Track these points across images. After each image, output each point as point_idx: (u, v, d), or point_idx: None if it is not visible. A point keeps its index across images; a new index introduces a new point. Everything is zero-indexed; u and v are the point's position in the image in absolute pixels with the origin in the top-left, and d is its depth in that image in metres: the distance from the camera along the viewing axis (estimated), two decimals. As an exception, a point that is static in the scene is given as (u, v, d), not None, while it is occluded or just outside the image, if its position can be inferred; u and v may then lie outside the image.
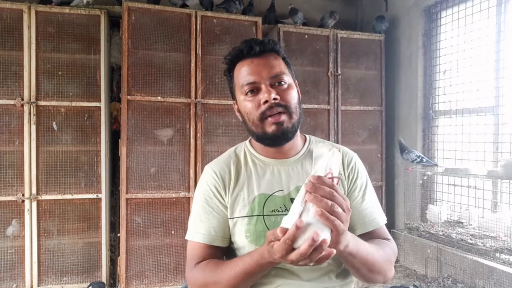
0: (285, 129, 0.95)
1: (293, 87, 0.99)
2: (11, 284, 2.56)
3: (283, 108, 0.94)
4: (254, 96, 0.96)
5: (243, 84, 0.97)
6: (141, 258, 2.73)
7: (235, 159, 1.06)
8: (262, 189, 0.98)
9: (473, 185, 2.66)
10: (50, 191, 2.61)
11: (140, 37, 2.71)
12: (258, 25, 2.97)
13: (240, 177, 1.02)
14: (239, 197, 0.98)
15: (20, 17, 2.54)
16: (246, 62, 0.98)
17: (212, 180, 1.01)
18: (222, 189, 1.00)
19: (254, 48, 0.96)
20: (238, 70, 1.00)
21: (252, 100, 0.96)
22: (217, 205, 0.99)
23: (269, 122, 0.94)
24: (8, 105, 2.54)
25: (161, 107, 2.75)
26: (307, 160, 1.03)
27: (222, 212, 0.98)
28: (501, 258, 2.26)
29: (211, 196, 1.00)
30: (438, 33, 3.09)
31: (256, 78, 0.95)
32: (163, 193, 2.75)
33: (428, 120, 3.15)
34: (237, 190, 0.99)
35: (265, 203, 0.96)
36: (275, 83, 0.95)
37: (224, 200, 0.99)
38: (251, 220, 0.95)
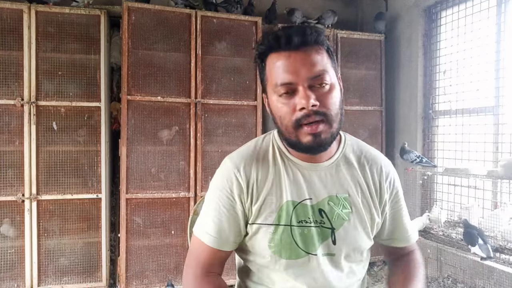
0: (323, 140, 0.82)
1: (336, 87, 0.85)
2: (11, 284, 2.56)
3: (322, 116, 0.80)
4: (289, 99, 0.82)
5: (277, 84, 0.82)
6: (141, 258, 2.73)
7: (262, 154, 0.92)
8: (291, 195, 0.87)
9: (473, 185, 2.66)
10: (50, 191, 2.61)
11: (140, 37, 2.71)
12: (258, 25, 2.97)
13: (268, 178, 0.89)
14: (266, 201, 0.87)
15: (20, 17, 2.54)
16: (282, 55, 0.82)
17: (234, 179, 0.88)
18: (244, 191, 0.88)
19: (293, 40, 0.80)
20: (272, 63, 0.84)
21: (287, 103, 0.82)
22: (233, 206, 0.88)
23: (304, 132, 0.81)
24: (8, 105, 2.54)
25: (161, 107, 2.75)
26: (341, 166, 0.92)
27: (236, 216, 0.88)
28: (501, 258, 2.26)
29: (228, 196, 0.88)
30: (438, 33, 3.09)
31: (293, 78, 0.80)
32: (163, 193, 2.75)
33: (428, 120, 3.15)
34: (264, 193, 0.88)
35: (293, 211, 0.86)
36: (315, 84, 0.81)
37: (244, 204, 0.88)
38: (277, 229, 0.86)
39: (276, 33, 0.83)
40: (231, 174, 0.89)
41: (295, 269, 0.87)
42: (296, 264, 0.87)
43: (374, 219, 0.92)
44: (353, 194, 0.91)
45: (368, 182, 0.93)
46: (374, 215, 0.92)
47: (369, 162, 0.96)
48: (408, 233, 1.00)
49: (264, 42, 0.86)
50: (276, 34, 0.83)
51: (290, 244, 0.86)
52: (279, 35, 0.82)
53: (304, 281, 0.87)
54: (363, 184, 0.93)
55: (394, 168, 1.01)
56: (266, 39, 0.85)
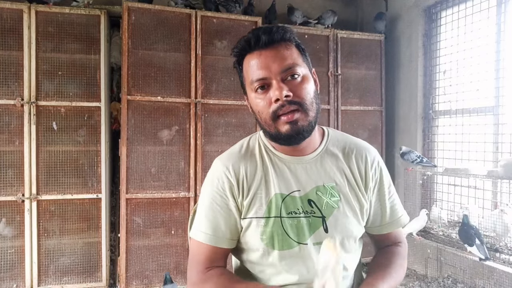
0: (300, 128, 0.86)
1: (309, 79, 0.89)
2: (11, 284, 2.56)
3: (297, 106, 0.85)
4: (265, 94, 0.86)
5: (253, 80, 0.87)
6: (141, 258, 2.73)
7: (250, 152, 0.97)
8: (279, 188, 0.91)
9: (473, 185, 2.66)
10: (50, 191, 2.61)
11: (140, 37, 2.71)
12: (258, 25, 2.97)
13: (256, 173, 0.93)
14: (256, 196, 0.91)
15: (20, 17, 2.54)
16: (254, 55, 0.88)
17: (224, 177, 0.92)
18: (235, 188, 0.91)
19: (261, 39, 0.86)
20: (246, 64, 0.90)
21: (263, 98, 0.87)
22: (226, 204, 0.92)
23: (282, 122, 0.86)
24: (8, 105, 2.54)
25: (161, 107, 2.75)
26: (326, 158, 0.96)
27: (231, 212, 0.92)
28: (501, 258, 2.26)
29: (221, 194, 0.92)
30: (438, 33, 3.09)
31: (266, 73, 0.85)
32: (163, 193, 2.75)
33: (428, 120, 3.15)
34: (254, 188, 0.91)
35: (282, 203, 0.90)
36: (287, 77, 0.85)
37: (237, 200, 0.92)
38: (268, 221, 0.89)
39: (247, 36, 0.89)
40: (221, 173, 0.93)
41: (287, 260, 0.89)
42: (288, 255, 0.89)
43: (362, 205, 0.95)
44: (340, 183, 0.94)
45: (353, 170, 0.96)
46: (362, 201, 0.95)
47: (353, 151, 0.99)
48: (393, 218, 1.00)
49: (237, 46, 0.92)
50: (247, 37, 0.89)
51: (282, 235, 0.88)
52: (249, 38, 0.88)
53: (297, 272, 0.89)
54: (349, 173, 0.96)
55: (379, 156, 1.03)
56: (239, 44, 0.91)
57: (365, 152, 1.00)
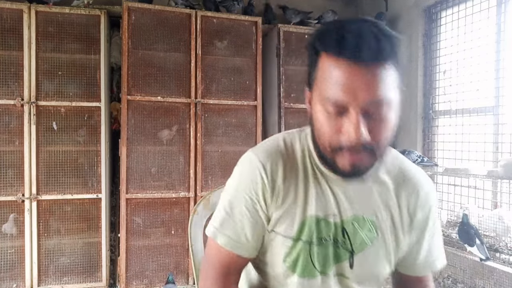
0: (361, 170, 0.71)
1: (395, 109, 0.73)
2: (11, 284, 2.56)
3: (369, 149, 0.68)
4: (336, 117, 0.68)
5: (327, 98, 0.67)
6: (141, 258, 2.73)
7: (292, 155, 0.80)
8: (316, 209, 0.78)
9: (473, 185, 2.66)
10: (50, 191, 2.61)
11: (140, 37, 2.71)
12: (258, 25, 2.97)
13: (295, 184, 0.78)
14: (289, 211, 0.78)
15: (20, 17, 2.54)
16: (343, 64, 0.65)
17: (259, 177, 0.77)
18: (269, 193, 0.77)
19: (364, 51, 0.64)
20: (327, 66, 0.67)
21: (332, 120, 0.68)
22: (256, 209, 0.78)
23: (344, 157, 0.69)
24: (8, 105, 2.54)
25: (161, 107, 2.75)
26: (373, 185, 0.81)
27: (259, 219, 0.79)
28: (501, 258, 2.26)
29: (251, 196, 0.78)
30: (438, 33, 3.09)
31: (347, 99, 0.65)
32: (163, 193, 2.75)
33: (428, 120, 3.14)
34: (289, 201, 0.78)
35: (315, 227, 0.78)
36: (370, 110, 0.67)
37: (268, 207, 0.78)
38: (296, 244, 0.78)
39: (344, 30, 0.66)
40: (255, 171, 0.78)
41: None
42: (307, 284, 0.80)
43: (400, 248, 0.83)
44: (381, 218, 0.81)
45: (402, 207, 0.83)
46: (401, 243, 0.83)
47: (407, 184, 0.84)
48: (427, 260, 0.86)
49: (325, 35, 0.68)
50: (343, 33, 0.65)
51: (306, 262, 0.78)
52: (347, 38, 0.64)
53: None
54: (396, 209, 0.82)
55: (434, 191, 0.87)
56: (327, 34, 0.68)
57: (419, 187, 0.84)
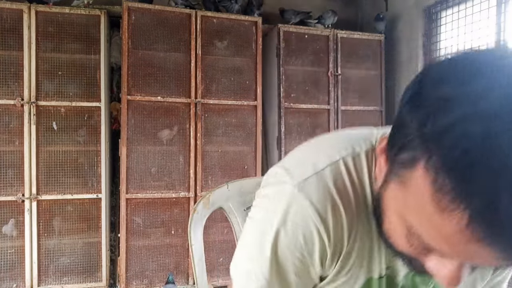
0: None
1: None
2: (11, 284, 2.56)
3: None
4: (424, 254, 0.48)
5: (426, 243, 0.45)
6: (141, 258, 2.73)
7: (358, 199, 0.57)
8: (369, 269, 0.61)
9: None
10: (50, 191, 2.61)
11: (140, 37, 2.71)
12: (258, 25, 2.97)
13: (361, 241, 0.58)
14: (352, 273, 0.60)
15: (20, 17, 2.54)
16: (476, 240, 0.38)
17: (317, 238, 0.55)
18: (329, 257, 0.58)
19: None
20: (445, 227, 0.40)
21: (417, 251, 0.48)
22: (308, 271, 0.59)
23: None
24: (8, 105, 2.54)
25: (161, 107, 2.75)
26: None
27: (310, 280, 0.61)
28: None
29: (304, 262, 0.58)
30: (438, 33, 3.09)
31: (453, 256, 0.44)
32: (163, 193, 2.75)
33: (428, 120, 3.14)
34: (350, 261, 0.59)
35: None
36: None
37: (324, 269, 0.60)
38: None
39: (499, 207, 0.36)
40: (310, 226, 0.55)
41: None
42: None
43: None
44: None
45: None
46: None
47: None
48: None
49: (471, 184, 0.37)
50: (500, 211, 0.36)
51: None
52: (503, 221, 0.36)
53: None
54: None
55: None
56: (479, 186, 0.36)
57: None
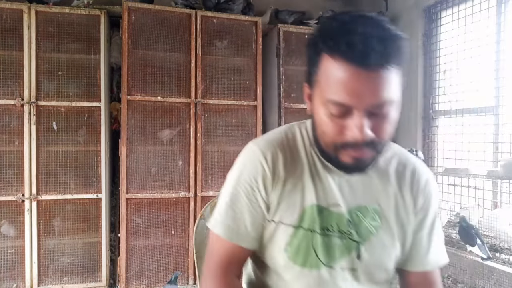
0: (364, 165, 0.73)
1: (397, 108, 0.74)
2: (11, 284, 2.56)
3: (371, 146, 0.69)
4: (339, 118, 0.69)
5: (330, 100, 0.67)
6: (141, 258, 2.73)
7: (292, 146, 0.82)
8: (317, 199, 0.78)
9: (473, 185, 2.66)
10: (50, 191, 2.61)
11: (140, 37, 2.71)
12: (258, 25, 2.97)
13: (295, 173, 0.79)
14: (290, 199, 0.78)
15: (20, 17, 2.54)
16: (348, 68, 0.64)
17: (260, 168, 0.78)
18: (270, 184, 0.78)
19: (371, 57, 0.62)
20: (330, 68, 0.67)
21: (335, 122, 0.69)
22: (257, 199, 0.78)
23: (347, 154, 0.71)
24: (8, 105, 2.54)
25: (161, 107, 2.75)
26: (375, 176, 0.82)
27: (259, 208, 0.79)
28: (501, 258, 2.26)
29: (251, 184, 0.78)
30: (438, 33, 3.09)
31: (352, 101, 0.65)
32: (163, 193, 2.75)
33: (428, 120, 3.14)
34: (288, 188, 0.78)
35: (318, 216, 0.78)
36: (374, 111, 0.68)
37: (268, 195, 0.78)
38: (297, 232, 0.77)
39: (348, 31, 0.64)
40: (255, 159, 0.79)
41: (307, 281, 0.79)
42: (310, 275, 0.78)
43: (406, 234, 0.83)
44: (385, 207, 0.82)
45: (404, 194, 0.84)
46: (407, 230, 0.83)
47: (410, 175, 0.85)
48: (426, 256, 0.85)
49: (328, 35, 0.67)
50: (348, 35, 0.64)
51: (308, 251, 0.77)
52: (350, 40, 0.63)
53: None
54: (399, 197, 0.83)
55: (434, 182, 0.89)
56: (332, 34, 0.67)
57: (419, 174, 0.86)
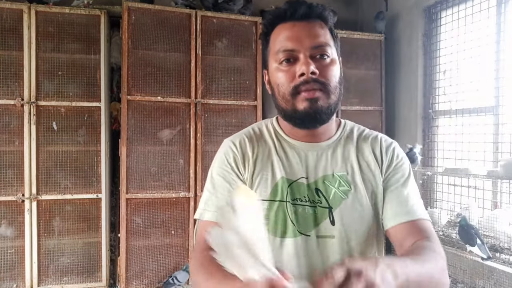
0: (319, 108, 0.82)
1: (336, 63, 0.86)
2: (11, 284, 2.56)
3: (320, 85, 0.81)
4: (290, 67, 0.83)
5: (279, 50, 0.84)
6: (141, 258, 2.73)
7: (259, 134, 0.94)
8: (286, 173, 0.87)
9: (473, 185, 2.66)
10: (50, 191, 2.61)
11: (140, 37, 2.71)
12: (258, 25, 2.97)
13: (263, 154, 0.90)
14: (261, 176, 0.87)
15: (20, 17, 2.54)
16: (287, 25, 0.85)
17: (231, 152, 0.90)
18: (241, 163, 0.89)
19: (299, 11, 0.83)
20: (276, 34, 0.87)
21: (287, 70, 0.83)
22: (234, 180, 0.88)
23: (301, 98, 0.82)
24: (8, 105, 2.54)
25: (161, 107, 2.75)
26: (339, 146, 0.91)
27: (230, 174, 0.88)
28: (501, 258, 2.26)
29: (228, 170, 0.88)
30: (438, 33, 3.09)
31: (295, 45, 0.82)
32: (163, 193, 2.75)
33: (428, 120, 3.14)
34: (258, 167, 0.88)
35: (288, 189, 0.85)
36: (316, 55, 0.83)
37: (243, 175, 0.88)
38: (272, 205, 0.85)
39: (282, 7, 0.86)
40: (228, 149, 0.91)
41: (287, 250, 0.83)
42: (290, 244, 0.83)
43: (376, 196, 0.88)
44: (351, 172, 0.88)
45: (368, 159, 0.90)
46: (376, 192, 0.88)
47: (369, 139, 0.94)
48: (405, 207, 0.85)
49: (270, 15, 0.88)
50: (282, 7, 0.86)
51: (285, 221, 0.84)
52: (285, 8, 0.85)
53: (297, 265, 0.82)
54: (362, 161, 0.90)
55: (397, 144, 0.96)
56: (271, 13, 0.88)
57: (380, 139, 0.94)
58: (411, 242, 0.81)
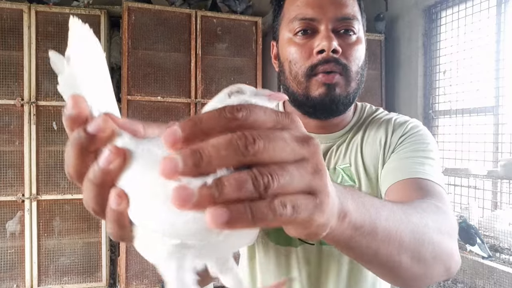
0: (337, 96, 0.68)
1: (362, 42, 0.71)
2: (11, 284, 2.56)
3: (341, 67, 0.67)
4: (307, 40, 0.68)
5: (296, 18, 0.68)
6: (141, 258, 2.68)
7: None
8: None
9: (473, 185, 2.66)
10: (50, 191, 2.61)
11: (140, 37, 2.71)
12: (258, 25, 2.97)
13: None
14: None
15: (20, 17, 2.54)
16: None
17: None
18: None
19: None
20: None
21: (303, 45, 0.68)
22: None
23: (317, 81, 0.67)
24: (8, 105, 2.54)
25: (161, 107, 2.75)
26: (354, 133, 0.76)
27: None
28: (501, 258, 2.26)
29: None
30: (438, 33, 3.09)
31: (317, 13, 0.66)
32: (163, 193, 2.75)
33: (428, 120, 3.14)
34: None
35: None
36: (340, 29, 0.68)
37: None
38: None
39: None
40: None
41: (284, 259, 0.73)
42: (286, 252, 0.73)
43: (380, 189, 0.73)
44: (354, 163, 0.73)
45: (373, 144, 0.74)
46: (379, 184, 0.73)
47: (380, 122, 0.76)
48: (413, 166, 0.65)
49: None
50: None
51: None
52: None
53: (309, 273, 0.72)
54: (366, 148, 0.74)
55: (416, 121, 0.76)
56: None
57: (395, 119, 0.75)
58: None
